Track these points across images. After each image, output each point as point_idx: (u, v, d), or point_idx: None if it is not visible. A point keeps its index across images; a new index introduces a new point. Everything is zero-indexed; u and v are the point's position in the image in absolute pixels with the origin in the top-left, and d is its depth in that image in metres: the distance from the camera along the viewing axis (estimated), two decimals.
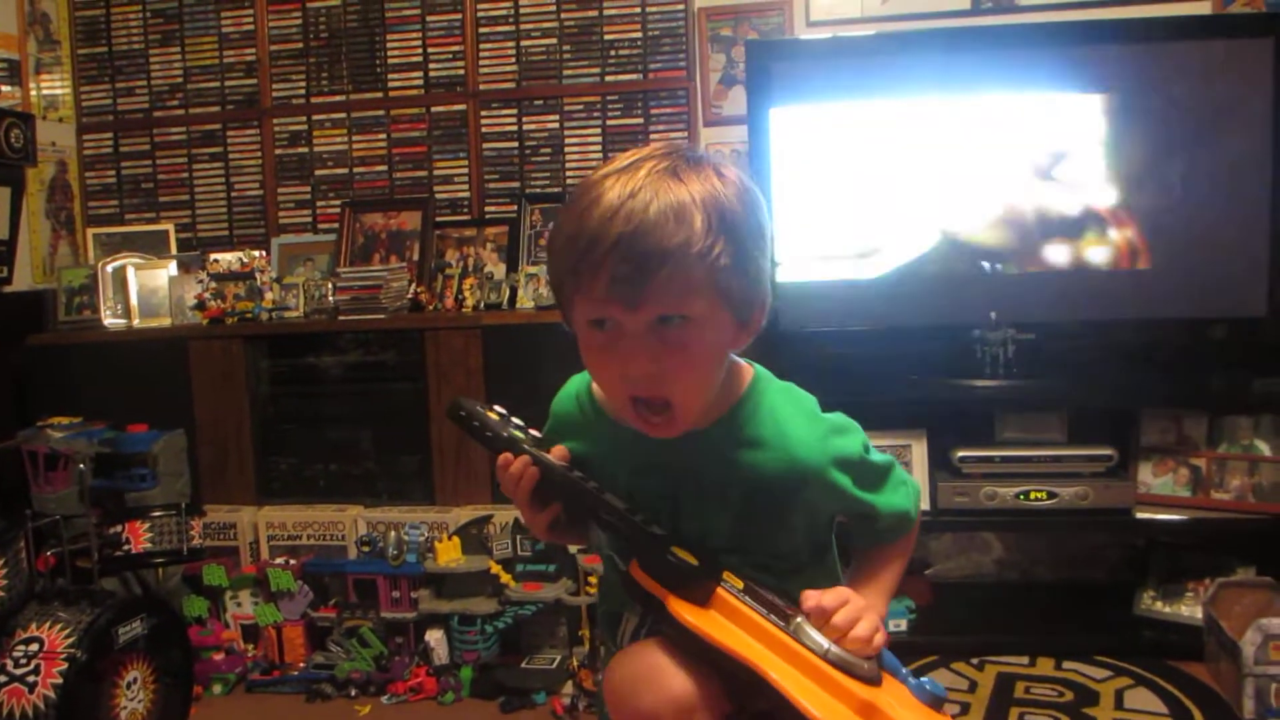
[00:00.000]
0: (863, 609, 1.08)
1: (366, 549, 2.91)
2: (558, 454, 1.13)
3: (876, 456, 1.18)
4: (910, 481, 1.23)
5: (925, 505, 2.81)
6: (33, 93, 3.47)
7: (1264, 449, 2.75)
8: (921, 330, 2.91)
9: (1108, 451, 2.82)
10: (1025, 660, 2.76)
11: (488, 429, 1.13)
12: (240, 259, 3.32)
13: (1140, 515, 2.79)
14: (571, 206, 1.04)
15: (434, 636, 2.82)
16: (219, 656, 2.91)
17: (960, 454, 2.87)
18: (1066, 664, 2.72)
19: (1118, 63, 2.82)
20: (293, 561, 2.97)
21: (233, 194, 3.58)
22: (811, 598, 1.08)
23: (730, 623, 1.04)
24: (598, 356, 1.05)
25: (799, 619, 1.06)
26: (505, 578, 2.80)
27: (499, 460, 1.12)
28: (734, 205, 1.02)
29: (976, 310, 2.87)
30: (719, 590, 1.06)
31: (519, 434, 1.14)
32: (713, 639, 1.01)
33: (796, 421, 1.12)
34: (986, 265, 2.91)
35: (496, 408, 1.14)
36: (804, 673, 1.02)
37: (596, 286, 1.00)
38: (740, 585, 1.07)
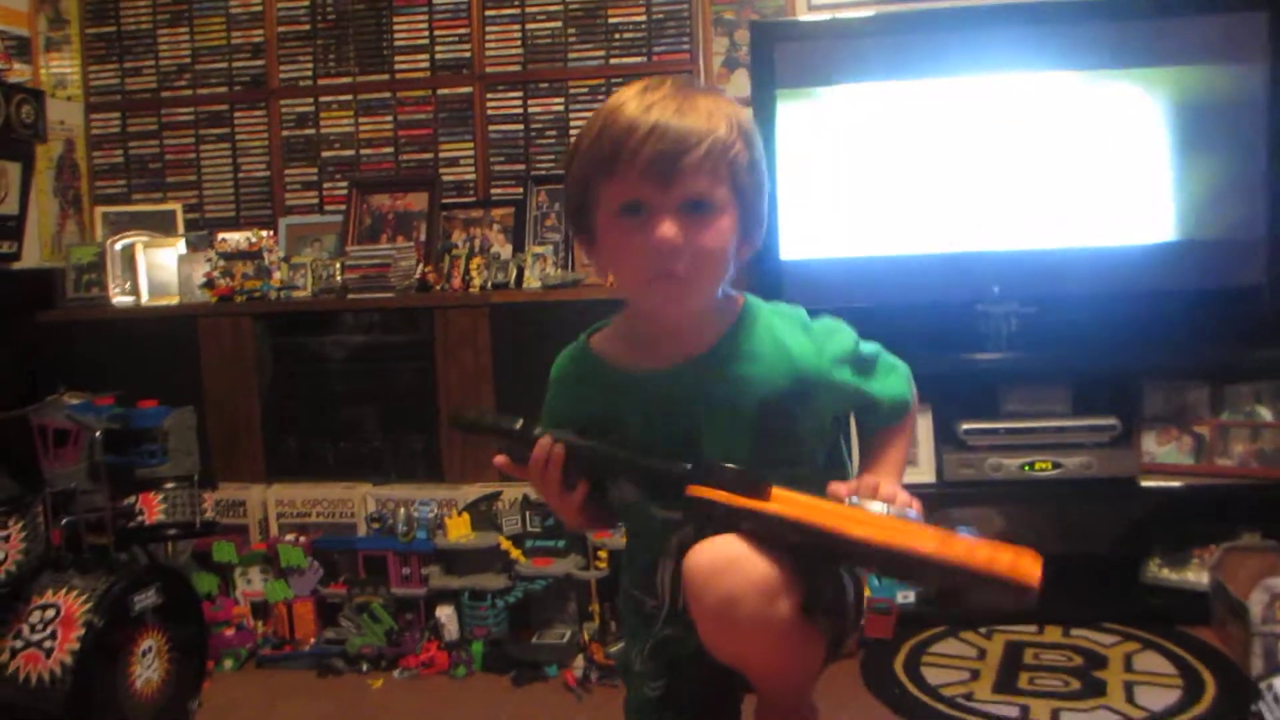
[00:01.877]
0: (890, 482, 1.15)
1: (377, 525, 2.88)
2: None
3: (866, 347, 1.26)
4: (899, 364, 1.31)
5: (930, 478, 2.89)
6: (42, 71, 3.45)
7: (1266, 415, 2.76)
8: (926, 306, 2.90)
9: (1111, 421, 2.81)
10: (1033, 629, 2.75)
11: (499, 423, 1.20)
12: (248, 239, 3.29)
13: (1145, 484, 2.79)
14: (597, 117, 1.14)
15: (444, 612, 2.79)
16: (230, 632, 2.87)
17: (965, 427, 2.86)
18: (1074, 631, 2.72)
19: (1119, 40, 2.84)
20: (302, 539, 2.93)
21: (240, 175, 3.57)
22: (843, 486, 1.14)
23: (798, 510, 1.08)
24: (626, 239, 1.12)
25: (850, 498, 1.12)
26: (515, 553, 2.78)
27: (534, 458, 1.17)
28: (747, 120, 1.17)
29: (980, 285, 2.89)
30: (773, 488, 1.10)
31: (518, 424, 1.20)
32: (799, 518, 1.06)
33: (792, 332, 1.20)
34: (988, 241, 2.92)
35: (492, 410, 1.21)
36: (882, 529, 1.07)
37: (632, 169, 1.09)
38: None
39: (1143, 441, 2.86)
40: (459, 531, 2.80)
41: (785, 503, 1.09)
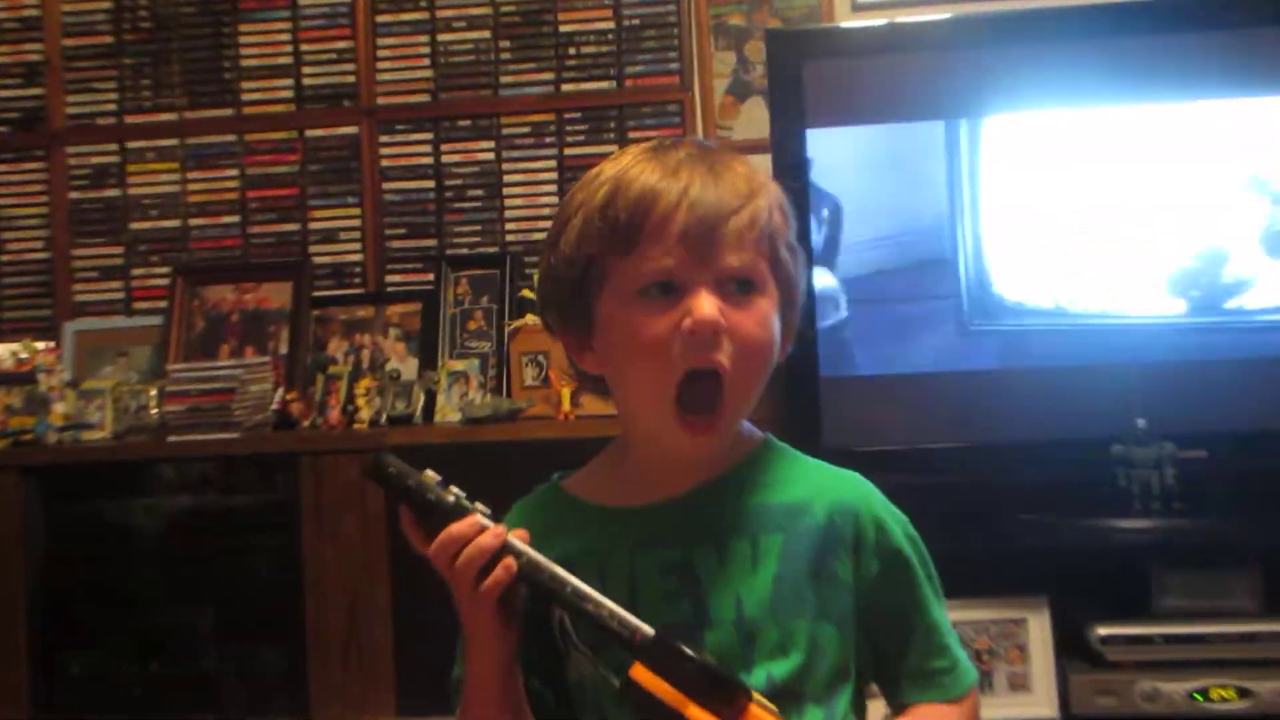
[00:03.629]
0: None
1: None
2: (517, 536, 1.22)
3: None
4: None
5: (1050, 711, 2.82)
6: None
7: None
8: (1034, 447, 2.88)
9: None
10: None
11: (426, 491, 1.22)
12: (15, 354, 3.27)
13: None
14: (596, 184, 1.25)
15: None
16: None
17: (1102, 632, 2.79)
18: None
19: None
20: None
21: (2, 258, 3.54)
22: None
23: None
24: (648, 324, 1.22)
25: None
26: None
27: (449, 533, 1.20)
28: (773, 183, 1.29)
29: (1117, 416, 2.81)
30: (751, 706, 1.14)
31: (475, 505, 1.22)
32: None
33: (834, 469, 1.34)
34: (1130, 349, 2.90)
35: (429, 471, 1.23)
36: None
37: (660, 242, 1.21)
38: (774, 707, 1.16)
39: None
40: None
41: None
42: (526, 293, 3.11)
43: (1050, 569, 2.87)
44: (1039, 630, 2.85)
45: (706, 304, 1.20)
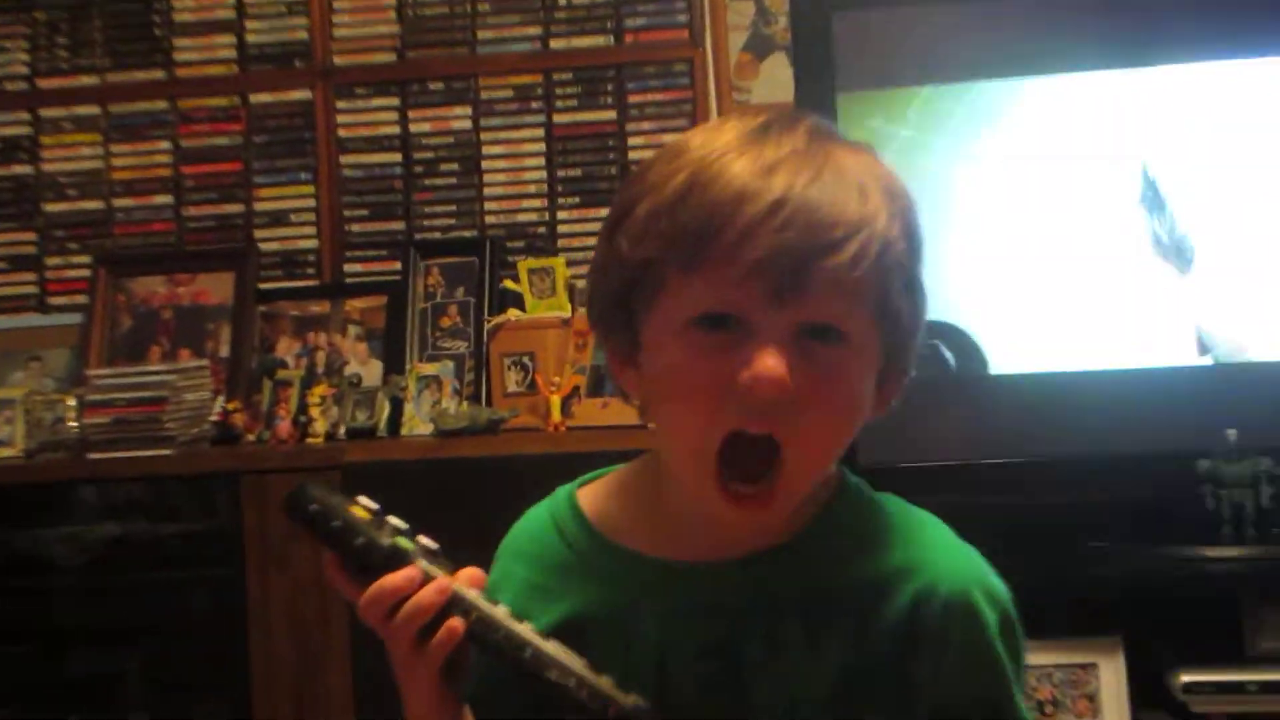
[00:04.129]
0: None
1: None
2: (467, 579, 1.18)
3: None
4: None
5: None
6: None
7: None
8: (1107, 462, 2.84)
9: None
10: None
11: (354, 534, 1.17)
12: None
13: None
14: (679, 162, 1.14)
15: None
16: None
17: (1185, 679, 2.72)
18: None
19: None
20: None
21: None
22: None
23: None
24: (697, 363, 1.12)
25: None
26: None
27: (381, 587, 1.15)
28: (906, 193, 1.16)
29: (1203, 428, 2.77)
30: None
31: (409, 545, 1.18)
32: None
33: (928, 529, 1.24)
34: (1214, 347, 2.88)
35: (364, 501, 1.19)
36: None
37: (732, 266, 1.09)
38: None
39: None
40: None
41: None
42: (509, 284, 3.09)
43: (1125, 605, 2.86)
44: (1112, 677, 2.82)
45: (771, 360, 1.09)
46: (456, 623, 1.14)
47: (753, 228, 1.08)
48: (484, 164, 3.33)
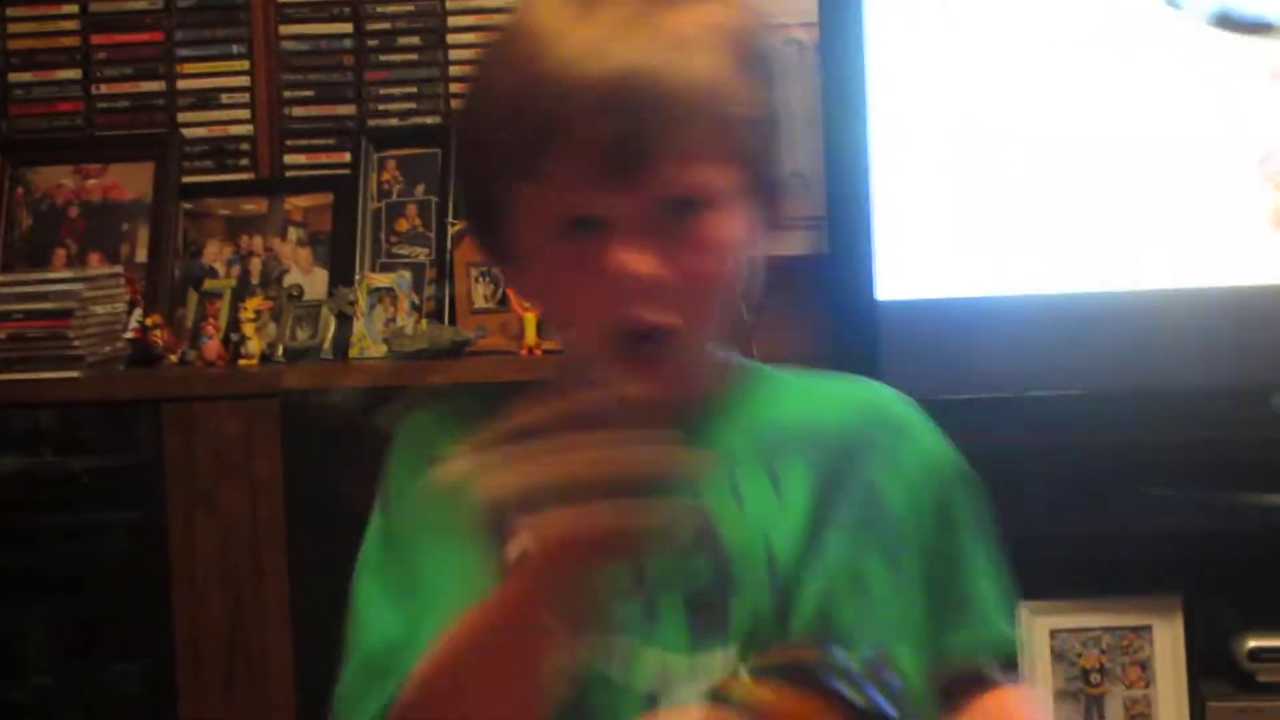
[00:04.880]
0: None
1: None
2: None
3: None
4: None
5: None
6: None
7: None
8: (1167, 397, 2.90)
9: None
10: None
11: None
12: None
13: None
14: (505, 58, 1.25)
15: None
16: None
17: (1252, 645, 2.85)
18: None
19: None
20: None
21: None
22: None
23: None
24: (570, 273, 1.22)
25: None
26: None
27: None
28: (757, 31, 1.27)
29: (1270, 359, 2.87)
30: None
31: None
32: None
33: (830, 375, 1.45)
34: None
35: None
36: None
37: (572, 163, 1.18)
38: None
39: None
40: None
41: None
42: None
43: (1185, 561, 2.93)
44: (1168, 642, 2.93)
45: (630, 256, 1.20)
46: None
47: (587, 124, 1.16)
48: (449, 38, 3.32)
